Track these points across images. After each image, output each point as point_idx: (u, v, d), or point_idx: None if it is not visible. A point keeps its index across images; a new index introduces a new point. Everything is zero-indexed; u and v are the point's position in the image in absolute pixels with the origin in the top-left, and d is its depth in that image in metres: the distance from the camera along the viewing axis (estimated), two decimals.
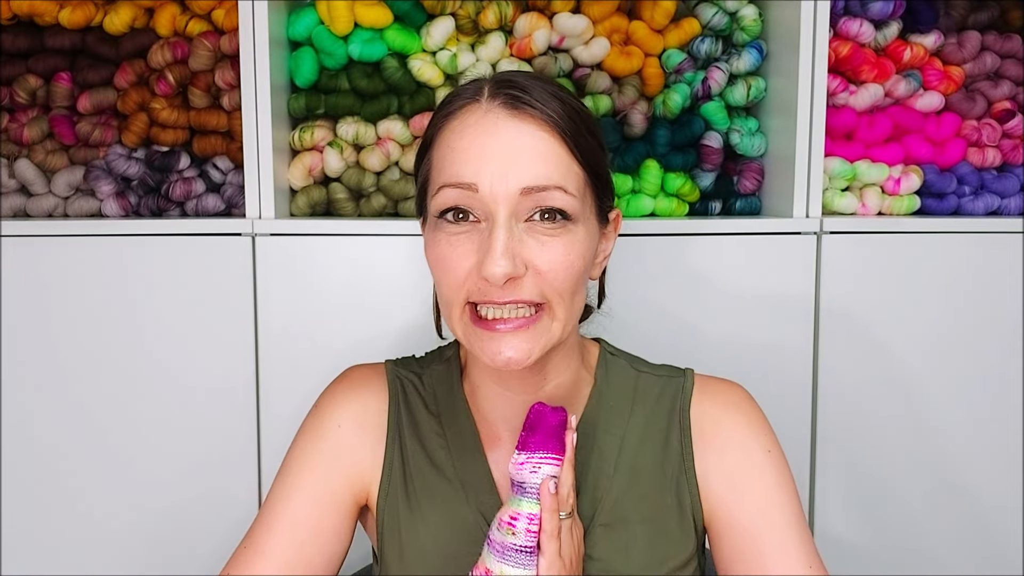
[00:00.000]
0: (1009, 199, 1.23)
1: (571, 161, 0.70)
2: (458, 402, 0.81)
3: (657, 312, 1.12)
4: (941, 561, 1.18)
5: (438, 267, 0.71)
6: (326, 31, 1.13)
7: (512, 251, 0.67)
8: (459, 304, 0.70)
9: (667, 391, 0.81)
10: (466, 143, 0.69)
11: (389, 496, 0.78)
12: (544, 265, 0.68)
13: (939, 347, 1.16)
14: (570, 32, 1.15)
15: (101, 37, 1.15)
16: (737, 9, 1.18)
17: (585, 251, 0.72)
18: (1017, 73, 1.23)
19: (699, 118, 1.19)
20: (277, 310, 1.09)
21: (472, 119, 0.70)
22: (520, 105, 0.69)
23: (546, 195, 0.68)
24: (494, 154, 0.68)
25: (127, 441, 1.10)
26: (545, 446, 0.68)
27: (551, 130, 0.69)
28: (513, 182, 0.67)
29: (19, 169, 1.15)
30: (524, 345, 0.69)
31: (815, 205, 1.14)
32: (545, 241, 0.69)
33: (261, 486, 1.10)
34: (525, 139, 0.69)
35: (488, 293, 0.68)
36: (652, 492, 0.77)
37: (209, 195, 1.16)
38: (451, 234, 0.70)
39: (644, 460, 0.78)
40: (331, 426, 0.80)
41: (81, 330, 1.09)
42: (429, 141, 0.74)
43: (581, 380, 0.81)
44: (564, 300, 0.70)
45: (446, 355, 0.85)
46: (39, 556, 1.11)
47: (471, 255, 0.69)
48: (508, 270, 0.66)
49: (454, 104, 0.73)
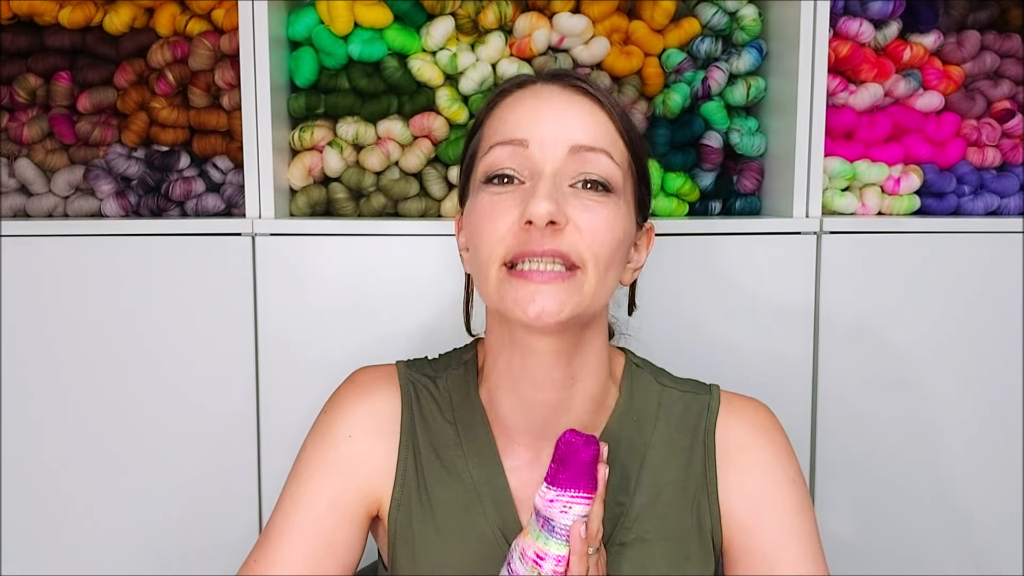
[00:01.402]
0: (1009, 199, 1.23)
1: (618, 137, 0.73)
2: (475, 409, 0.79)
3: (657, 312, 1.12)
4: (942, 564, 1.18)
5: (480, 226, 0.71)
6: (326, 31, 1.13)
7: (557, 199, 0.67)
8: (496, 262, 0.69)
9: (692, 408, 0.80)
10: (520, 111, 0.73)
11: (402, 507, 0.76)
12: (585, 223, 0.69)
13: (939, 347, 1.16)
14: (570, 32, 1.15)
15: (101, 37, 1.15)
16: (737, 9, 1.18)
17: (625, 228, 0.72)
18: (1017, 73, 1.23)
19: (699, 118, 1.19)
20: (277, 310, 1.09)
21: (527, 93, 0.74)
22: (574, 82, 0.73)
23: (593, 157, 0.70)
24: (546, 115, 0.71)
25: (127, 441, 1.10)
26: (577, 484, 0.66)
27: (602, 107, 0.73)
28: (563, 139, 0.70)
29: (19, 169, 1.15)
30: (558, 296, 0.67)
31: (815, 205, 1.14)
32: (589, 206, 0.70)
33: (261, 485, 1.10)
34: (577, 107, 0.72)
35: (527, 243, 0.67)
36: (672, 511, 0.76)
37: (209, 195, 1.16)
38: (495, 194, 0.71)
39: (666, 478, 0.77)
40: (342, 435, 0.78)
41: (80, 330, 1.09)
42: (479, 122, 0.77)
43: (607, 392, 0.79)
44: (599, 267, 0.69)
45: (464, 358, 0.83)
46: (39, 556, 1.11)
47: (514, 209, 0.69)
48: (552, 209, 0.66)
49: (507, 89, 0.76)
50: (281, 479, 1.10)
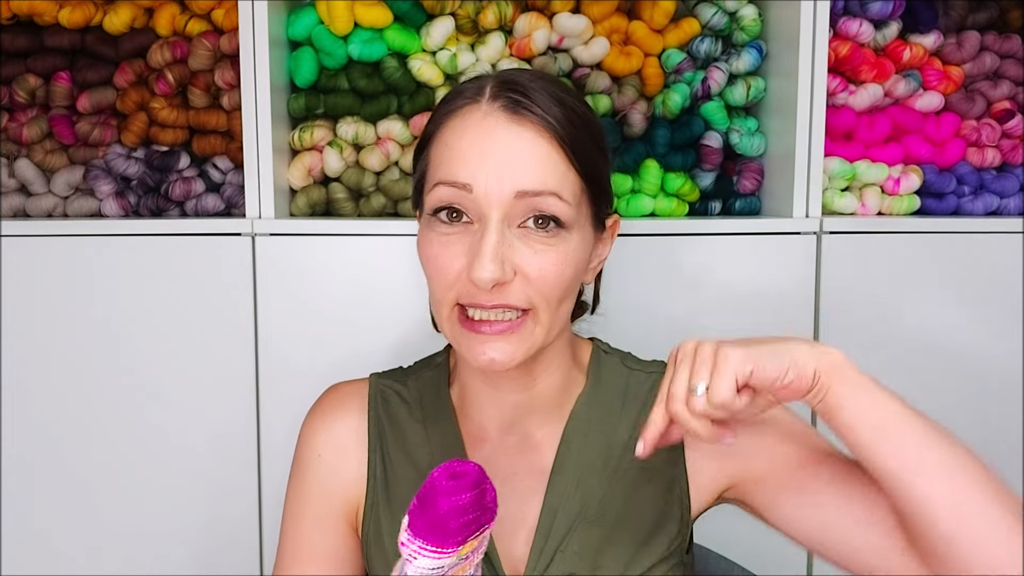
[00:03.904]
0: (1009, 199, 1.23)
1: (568, 168, 0.70)
2: (444, 405, 0.81)
3: (656, 312, 1.12)
4: None
5: (429, 265, 0.72)
6: (326, 31, 1.13)
7: (502, 256, 0.67)
8: (448, 304, 0.71)
9: (657, 386, 0.80)
10: (464, 143, 0.70)
11: (373, 508, 0.79)
12: (534, 272, 0.68)
13: (939, 347, 1.16)
14: (570, 32, 1.15)
15: (101, 37, 1.15)
16: (737, 9, 1.18)
17: (578, 259, 0.72)
18: (1017, 73, 1.23)
19: (699, 118, 1.19)
20: (277, 310, 1.09)
21: (472, 119, 0.70)
22: (520, 109, 0.69)
23: (540, 200, 0.68)
24: (490, 156, 0.68)
25: (127, 440, 1.10)
26: (428, 535, 0.56)
27: (550, 136, 0.69)
28: (508, 185, 0.67)
29: (19, 169, 1.15)
30: (508, 347, 0.69)
31: (815, 205, 1.14)
32: (538, 249, 0.69)
33: (261, 483, 1.10)
34: (523, 144, 0.69)
35: (476, 296, 0.68)
36: (641, 487, 0.77)
37: (209, 195, 1.16)
38: (443, 234, 0.70)
39: (632, 457, 0.78)
40: (312, 457, 0.81)
41: (80, 330, 1.09)
42: (428, 137, 0.75)
43: (572, 380, 0.81)
44: (550, 307, 0.70)
45: (436, 361, 0.85)
46: (39, 556, 1.11)
47: (461, 256, 0.69)
48: (496, 275, 0.66)
49: (455, 103, 0.72)
50: (280, 476, 1.10)
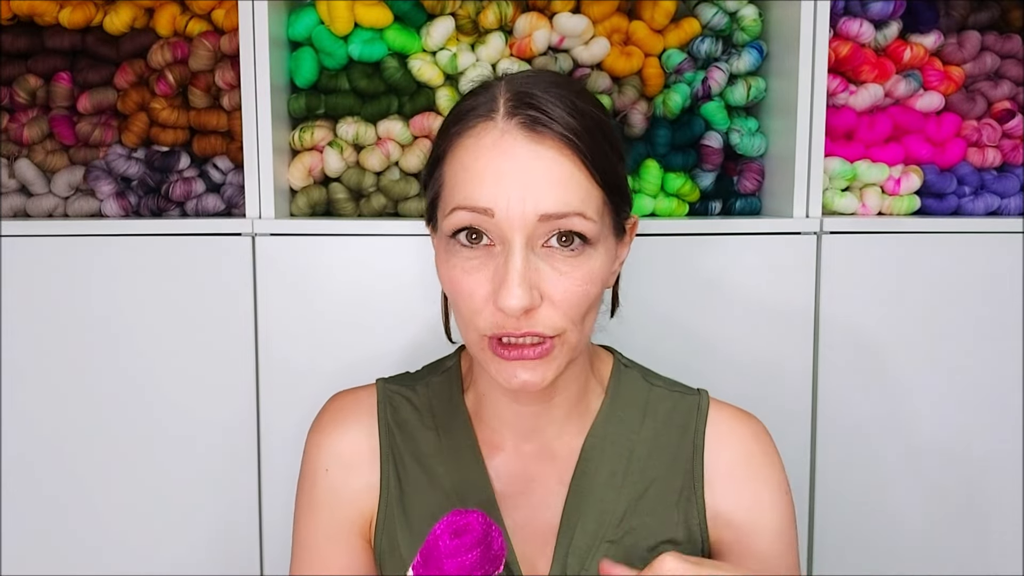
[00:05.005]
0: (1009, 199, 1.23)
1: (591, 185, 0.68)
2: (458, 413, 0.80)
3: (656, 312, 1.12)
4: (943, 567, 1.18)
5: (453, 291, 0.70)
6: (326, 31, 1.13)
7: (529, 280, 0.65)
8: (476, 330, 0.69)
9: (679, 408, 0.81)
10: (481, 165, 0.67)
11: (387, 519, 0.78)
12: (558, 295, 0.67)
13: (939, 347, 1.16)
14: (570, 32, 1.15)
15: (101, 37, 1.14)
16: (737, 9, 1.18)
17: (603, 273, 0.71)
18: (1017, 73, 1.23)
19: (699, 118, 1.19)
20: (277, 310, 1.09)
21: (488, 139, 0.67)
22: (538, 127, 0.66)
23: (564, 222, 0.66)
24: (511, 179, 0.66)
25: (127, 440, 1.10)
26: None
27: (571, 153, 0.67)
28: (531, 208, 0.65)
29: (19, 169, 1.15)
30: (539, 369, 0.68)
31: (815, 205, 1.14)
32: (563, 271, 0.67)
33: (261, 484, 1.10)
34: (543, 163, 0.66)
35: (504, 325, 0.67)
36: (659, 507, 0.77)
37: (209, 195, 1.16)
38: (465, 259, 0.68)
39: (652, 474, 0.78)
40: (320, 472, 0.80)
41: (81, 330, 1.09)
42: (441, 155, 0.72)
43: (591, 391, 0.80)
44: (577, 327, 0.69)
45: (446, 365, 0.84)
46: (39, 556, 1.11)
47: (486, 283, 0.67)
48: (524, 302, 0.64)
49: (468, 120, 0.70)
50: (280, 477, 1.10)
